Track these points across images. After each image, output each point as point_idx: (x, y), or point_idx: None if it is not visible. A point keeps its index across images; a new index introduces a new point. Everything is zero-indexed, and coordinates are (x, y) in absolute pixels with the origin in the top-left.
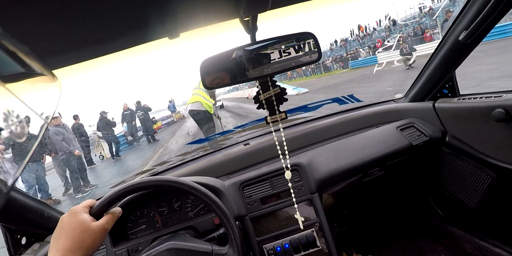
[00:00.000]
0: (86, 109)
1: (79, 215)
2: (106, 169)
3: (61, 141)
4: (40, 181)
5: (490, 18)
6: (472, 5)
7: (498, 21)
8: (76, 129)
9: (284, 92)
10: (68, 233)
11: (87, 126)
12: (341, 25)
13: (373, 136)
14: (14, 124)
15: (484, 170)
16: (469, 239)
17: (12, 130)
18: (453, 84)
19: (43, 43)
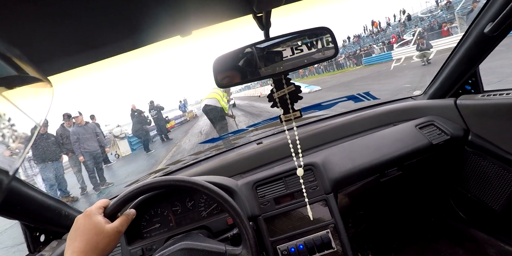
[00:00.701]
0: (100, 109)
1: (93, 217)
2: (122, 167)
3: (74, 142)
4: (59, 180)
5: None
6: None
7: None
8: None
9: (298, 90)
10: (83, 235)
11: (103, 126)
12: (354, 20)
13: (391, 135)
14: (6, 128)
15: (510, 170)
16: (493, 242)
17: (5, 133)
18: (476, 80)
19: (55, 45)
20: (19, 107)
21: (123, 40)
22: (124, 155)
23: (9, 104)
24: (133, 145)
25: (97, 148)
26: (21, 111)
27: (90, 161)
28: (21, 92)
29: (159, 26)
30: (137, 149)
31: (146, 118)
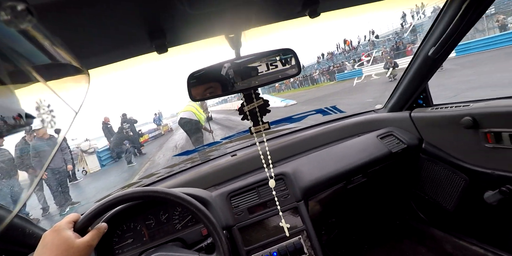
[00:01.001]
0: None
1: (62, 232)
2: (90, 185)
3: (33, 157)
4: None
5: (453, 36)
6: (439, 24)
7: (461, 39)
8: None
9: (267, 104)
10: (52, 251)
11: (70, 140)
12: (327, 39)
13: (355, 145)
14: (46, 113)
15: (457, 173)
16: (449, 239)
17: (44, 118)
18: (426, 95)
19: None
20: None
21: (100, 55)
22: (92, 171)
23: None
24: (102, 160)
25: (62, 164)
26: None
27: (53, 178)
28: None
29: (136, 43)
30: (107, 164)
31: (128, 131)
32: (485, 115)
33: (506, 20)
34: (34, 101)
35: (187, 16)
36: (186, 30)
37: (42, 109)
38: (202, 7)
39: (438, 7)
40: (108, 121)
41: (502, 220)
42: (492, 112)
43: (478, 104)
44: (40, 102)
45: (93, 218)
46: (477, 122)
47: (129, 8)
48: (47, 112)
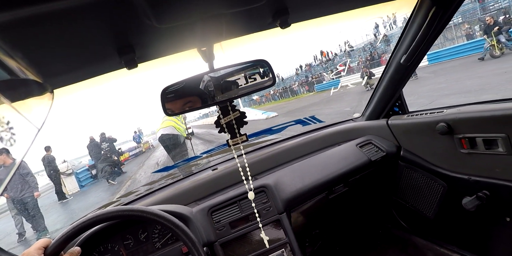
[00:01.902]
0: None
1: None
2: (69, 207)
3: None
4: None
5: (423, 43)
6: (408, 32)
7: (430, 45)
8: (47, 163)
9: (244, 116)
10: None
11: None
12: (305, 50)
13: (335, 154)
14: (5, 130)
15: (436, 180)
16: (430, 247)
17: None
18: (402, 102)
19: None
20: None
21: (69, 73)
22: (71, 192)
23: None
24: (81, 181)
25: (22, 192)
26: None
27: (18, 207)
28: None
29: (105, 59)
30: (86, 185)
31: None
32: (459, 121)
33: (471, 30)
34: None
35: (155, 30)
36: (156, 44)
37: (1, 126)
38: (169, 21)
39: (407, 17)
40: (94, 139)
41: (480, 226)
42: (465, 118)
43: (451, 110)
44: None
45: (65, 242)
46: (451, 128)
47: (94, 24)
48: (7, 130)
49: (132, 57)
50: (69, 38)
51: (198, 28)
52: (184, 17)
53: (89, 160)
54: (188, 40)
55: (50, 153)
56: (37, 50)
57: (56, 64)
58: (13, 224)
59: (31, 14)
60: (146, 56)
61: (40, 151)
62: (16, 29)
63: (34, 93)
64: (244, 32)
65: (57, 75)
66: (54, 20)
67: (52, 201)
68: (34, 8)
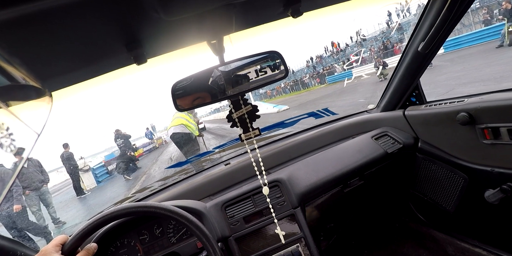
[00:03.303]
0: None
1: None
2: (88, 202)
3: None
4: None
5: (442, 29)
6: (426, 18)
7: (450, 32)
8: (66, 159)
9: (256, 109)
10: None
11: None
12: (316, 42)
13: (350, 147)
14: (4, 137)
15: (456, 172)
16: (450, 241)
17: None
18: (419, 92)
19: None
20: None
21: (78, 70)
22: (89, 188)
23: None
24: (98, 177)
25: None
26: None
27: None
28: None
29: (114, 55)
30: (103, 180)
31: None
32: (481, 110)
33: (488, 15)
34: None
35: (163, 24)
36: (165, 38)
37: (1, 132)
38: (177, 13)
39: (422, 4)
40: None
41: (504, 220)
42: (488, 107)
43: (473, 99)
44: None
45: (82, 239)
46: (473, 118)
47: (100, 20)
48: (6, 136)
49: (141, 52)
50: (74, 36)
51: (207, 20)
52: (193, 9)
53: (105, 156)
54: (198, 33)
55: (68, 149)
56: (41, 50)
57: (60, 63)
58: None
59: (32, 11)
60: (155, 51)
61: (59, 148)
62: (16, 29)
63: (33, 97)
64: (254, 23)
65: (60, 74)
66: (57, 18)
67: (71, 197)
68: (37, 4)
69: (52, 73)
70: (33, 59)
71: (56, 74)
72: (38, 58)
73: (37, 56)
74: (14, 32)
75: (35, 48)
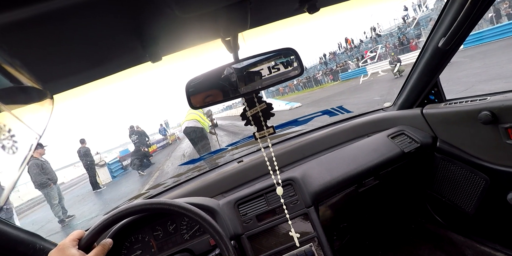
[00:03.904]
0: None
1: (67, 251)
2: (104, 196)
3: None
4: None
5: (465, 24)
6: (448, 13)
7: (473, 27)
8: (83, 154)
9: (270, 107)
10: None
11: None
12: (329, 38)
13: (365, 146)
14: (6, 139)
15: (477, 173)
16: (469, 244)
17: (4, 144)
18: (438, 90)
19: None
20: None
21: (94, 68)
22: (104, 182)
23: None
24: (113, 172)
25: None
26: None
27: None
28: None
29: (129, 53)
30: (118, 175)
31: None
32: (506, 108)
33: (511, 9)
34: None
35: (178, 21)
36: (179, 36)
37: (3, 134)
38: (192, 10)
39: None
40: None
41: None
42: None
43: (496, 97)
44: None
45: (98, 234)
46: (496, 117)
47: (115, 18)
48: (8, 137)
49: (156, 50)
50: (89, 35)
51: (222, 16)
52: (208, 5)
53: (120, 152)
54: (212, 30)
55: (85, 145)
56: (65, 45)
57: (83, 59)
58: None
59: (50, 9)
60: (169, 48)
61: (76, 143)
62: (30, 29)
63: (35, 99)
64: (269, 19)
65: (86, 70)
66: (72, 17)
67: (87, 191)
68: (50, 4)
69: (68, 73)
70: (49, 60)
71: (73, 73)
72: (67, 53)
73: (54, 57)
74: (27, 34)
75: (58, 46)
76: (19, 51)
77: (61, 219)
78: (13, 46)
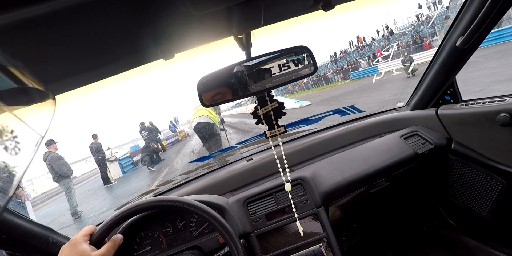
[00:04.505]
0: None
1: (78, 246)
2: (114, 191)
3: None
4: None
5: (485, 23)
6: (467, 11)
7: (493, 26)
8: (95, 149)
9: (282, 106)
10: None
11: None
12: (340, 36)
13: (377, 146)
14: (9, 140)
15: (493, 176)
16: (482, 249)
17: (7, 145)
18: (454, 90)
19: (43, 70)
20: (23, 120)
21: (107, 65)
22: (115, 177)
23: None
24: (124, 167)
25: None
26: (26, 125)
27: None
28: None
29: (142, 50)
30: (128, 171)
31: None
32: None
33: None
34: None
35: (191, 18)
36: (192, 33)
37: (5, 135)
38: (206, 7)
39: None
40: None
41: None
42: None
43: None
44: (3, 127)
45: (109, 230)
46: None
47: (128, 16)
48: (11, 139)
49: (168, 47)
50: (102, 33)
51: (235, 14)
52: (222, 2)
53: (130, 148)
54: (225, 27)
55: (97, 140)
56: (79, 42)
57: (96, 56)
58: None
59: (64, 6)
60: (182, 45)
61: (88, 138)
62: (35, 31)
63: (36, 101)
64: (283, 17)
65: (99, 67)
66: (85, 15)
67: (98, 185)
68: (62, 1)
69: (82, 70)
70: (61, 59)
71: (86, 70)
72: (81, 50)
73: (78, 49)
74: (34, 34)
75: (70, 44)
76: (29, 51)
77: (74, 211)
78: (26, 46)
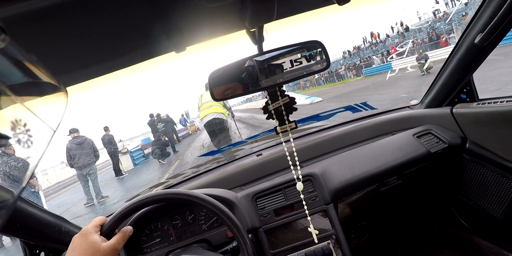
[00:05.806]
0: (99, 125)
1: (89, 236)
2: (126, 182)
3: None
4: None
5: (507, 20)
6: (487, 7)
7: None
8: (107, 141)
9: (293, 101)
10: (80, 254)
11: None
12: (353, 32)
13: (389, 144)
14: (22, 133)
15: (509, 177)
16: (495, 250)
17: (20, 138)
18: (471, 88)
19: (56, 61)
20: (36, 113)
21: (119, 57)
22: (126, 169)
23: (25, 111)
24: (135, 159)
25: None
26: (38, 119)
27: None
28: (35, 98)
29: (154, 43)
30: (139, 163)
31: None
32: None
33: None
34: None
35: (204, 10)
36: (204, 26)
37: (19, 129)
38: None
39: None
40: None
41: None
42: None
43: None
44: (16, 121)
45: (119, 221)
46: None
47: (141, 8)
48: (23, 132)
49: (180, 40)
50: (114, 25)
51: (248, 7)
52: None
53: (141, 140)
54: (237, 21)
55: (109, 132)
56: (92, 35)
57: (109, 49)
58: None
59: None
60: (194, 38)
61: (100, 130)
62: (44, 22)
63: (49, 93)
64: (296, 10)
65: (111, 59)
66: (99, 8)
67: (110, 177)
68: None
69: (94, 62)
70: (75, 50)
71: (98, 63)
72: (94, 42)
73: (90, 42)
74: (47, 25)
75: (84, 35)
76: (41, 42)
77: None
78: (39, 37)
